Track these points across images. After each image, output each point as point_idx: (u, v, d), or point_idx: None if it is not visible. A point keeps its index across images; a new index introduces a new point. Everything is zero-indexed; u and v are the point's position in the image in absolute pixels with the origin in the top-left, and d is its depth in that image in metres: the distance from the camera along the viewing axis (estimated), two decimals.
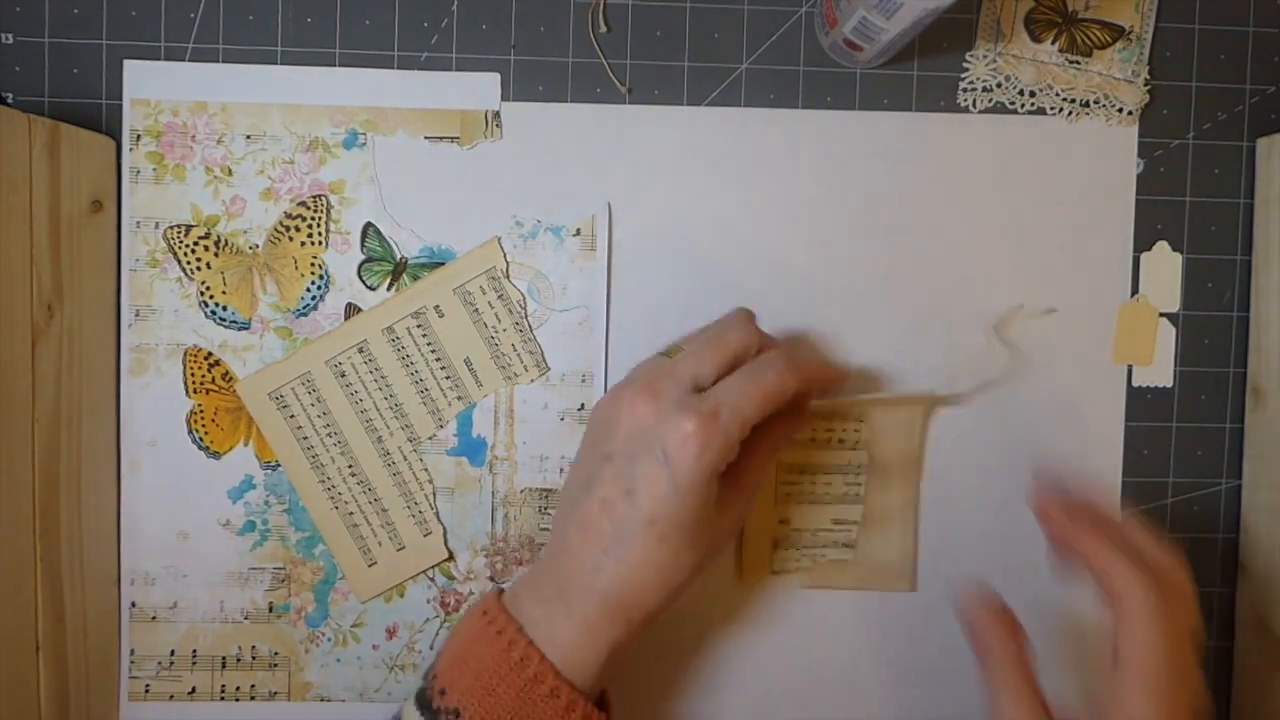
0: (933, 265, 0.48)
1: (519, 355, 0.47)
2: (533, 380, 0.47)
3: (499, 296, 0.46)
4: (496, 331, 0.46)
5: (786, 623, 0.48)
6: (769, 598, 0.48)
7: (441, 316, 0.46)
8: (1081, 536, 0.36)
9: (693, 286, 0.48)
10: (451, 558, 0.47)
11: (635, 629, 0.37)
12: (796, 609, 0.48)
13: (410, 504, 0.47)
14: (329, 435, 0.46)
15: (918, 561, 0.48)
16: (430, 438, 0.47)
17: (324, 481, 0.46)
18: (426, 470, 0.47)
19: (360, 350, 0.46)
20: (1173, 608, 0.33)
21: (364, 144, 0.47)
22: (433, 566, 0.47)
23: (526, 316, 0.47)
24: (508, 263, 0.46)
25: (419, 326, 0.46)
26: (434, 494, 0.47)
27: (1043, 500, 0.38)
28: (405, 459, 0.46)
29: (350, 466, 0.46)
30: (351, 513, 0.47)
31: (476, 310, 0.46)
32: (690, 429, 0.35)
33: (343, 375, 0.46)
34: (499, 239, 0.46)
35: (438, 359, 0.45)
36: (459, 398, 0.46)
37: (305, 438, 0.46)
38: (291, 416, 0.46)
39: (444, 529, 0.47)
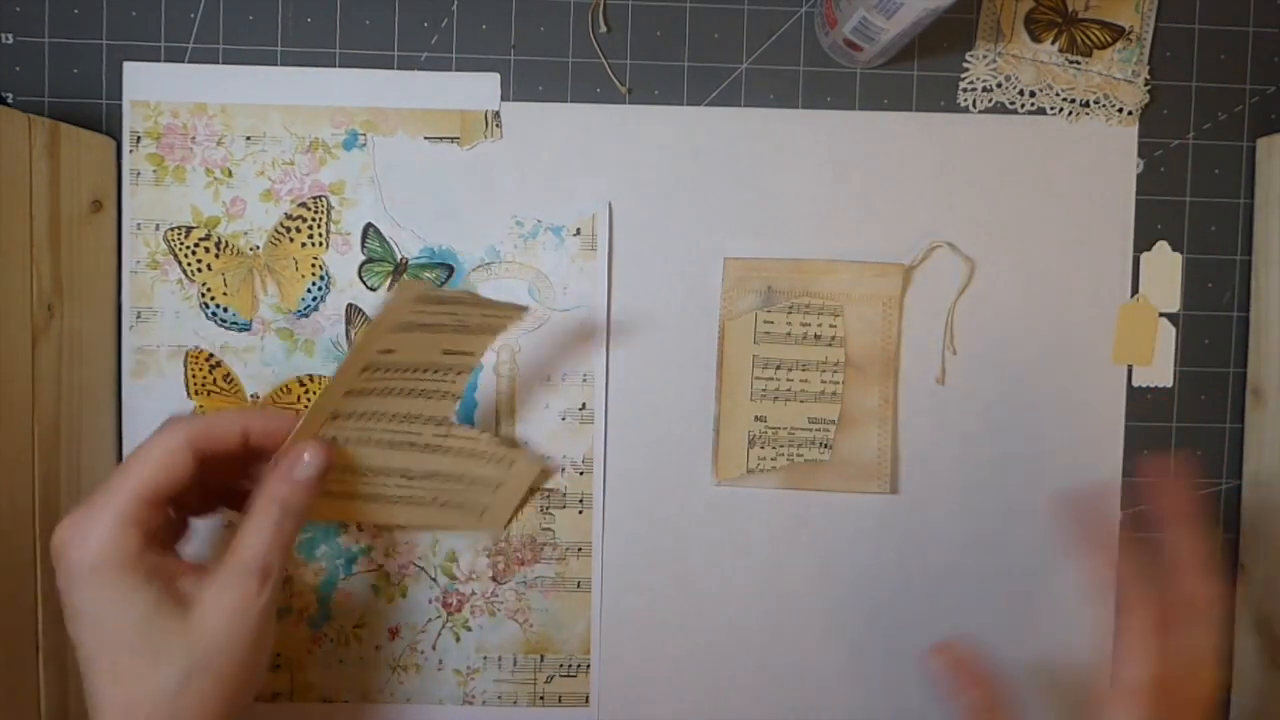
0: (932, 265, 0.48)
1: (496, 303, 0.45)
2: (520, 318, 0.45)
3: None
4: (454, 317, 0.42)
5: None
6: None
7: (393, 352, 0.40)
8: (1130, 601, 0.35)
9: (693, 286, 0.48)
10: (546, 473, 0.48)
11: None
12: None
13: (479, 462, 0.45)
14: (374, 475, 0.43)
15: (898, 463, 0.48)
16: (448, 418, 0.44)
17: (394, 500, 0.44)
18: (472, 433, 0.45)
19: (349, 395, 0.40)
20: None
21: (364, 144, 0.47)
22: (538, 489, 0.48)
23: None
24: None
25: (384, 364, 0.40)
26: (494, 431, 0.47)
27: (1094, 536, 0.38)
28: (447, 437, 0.44)
29: (405, 472, 0.44)
30: (435, 499, 0.45)
31: (426, 325, 0.41)
32: (61, 525, 0.34)
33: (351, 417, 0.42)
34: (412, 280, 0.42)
35: (418, 369, 0.42)
36: (459, 373, 0.43)
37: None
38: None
39: (525, 446, 0.47)
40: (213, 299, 0.47)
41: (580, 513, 0.48)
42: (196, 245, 0.47)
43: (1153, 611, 0.35)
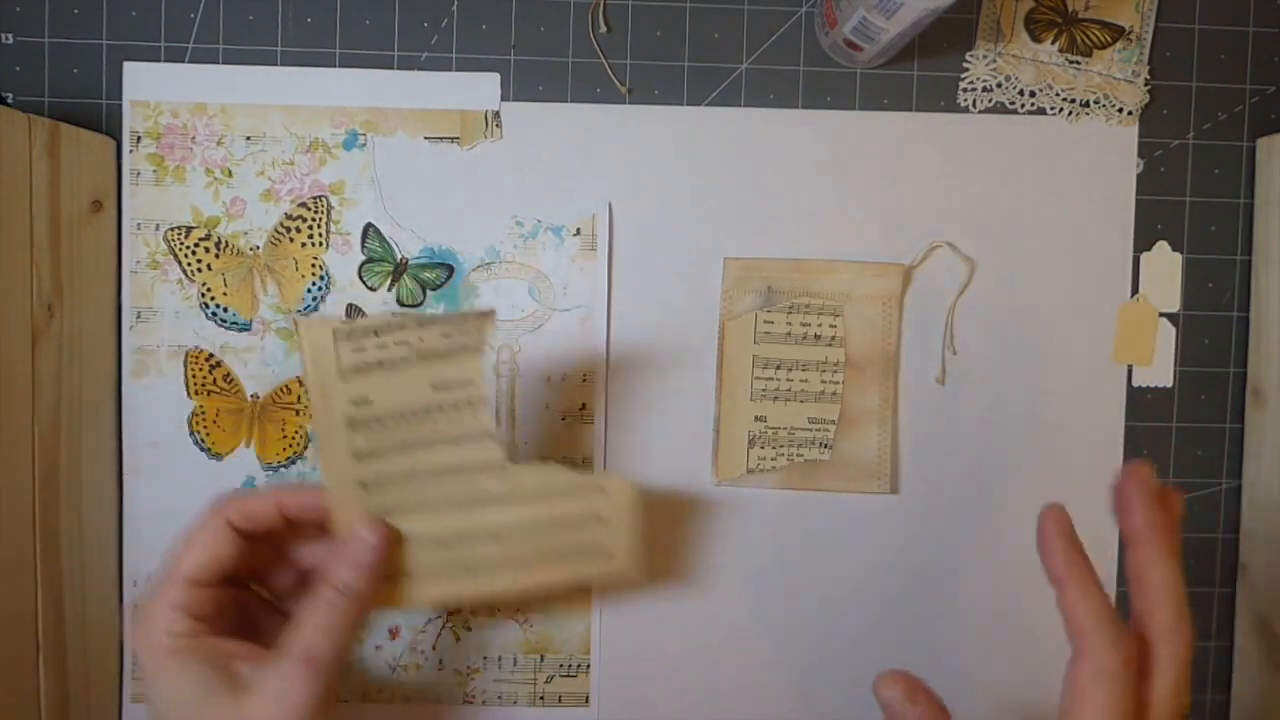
0: (932, 265, 0.48)
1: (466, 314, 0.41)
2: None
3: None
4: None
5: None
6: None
7: (372, 402, 0.38)
8: (1072, 575, 0.31)
9: (693, 286, 0.48)
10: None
11: None
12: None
13: (563, 499, 0.40)
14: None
15: (898, 463, 0.48)
16: (503, 460, 0.39)
17: (495, 566, 0.41)
18: (537, 468, 0.40)
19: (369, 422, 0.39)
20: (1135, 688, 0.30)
21: (364, 145, 0.47)
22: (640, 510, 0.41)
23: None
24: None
25: (373, 417, 0.39)
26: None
27: (1050, 521, 0.33)
28: (512, 481, 0.40)
29: (490, 531, 0.40)
30: (540, 552, 0.41)
31: (383, 363, 0.38)
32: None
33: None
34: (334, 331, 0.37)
35: (419, 412, 0.39)
36: (472, 406, 0.39)
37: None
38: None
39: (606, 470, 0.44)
40: (213, 299, 0.47)
41: None
42: (196, 245, 0.47)
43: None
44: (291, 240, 0.47)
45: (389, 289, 0.47)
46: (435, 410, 0.38)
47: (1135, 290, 0.49)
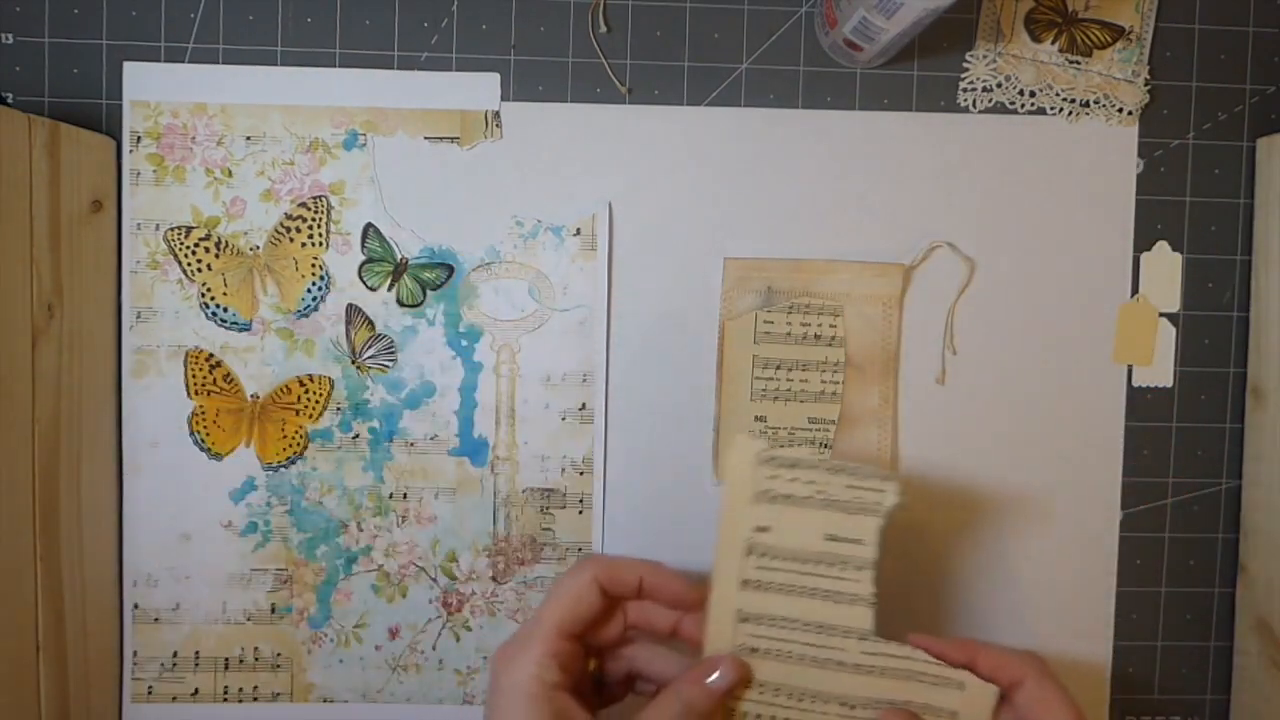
0: (932, 265, 0.48)
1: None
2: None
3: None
4: None
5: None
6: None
7: (770, 533, 0.39)
8: (963, 648, 0.39)
9: (693, 286, 0.48)
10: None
11: None
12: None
13: (920, 686, 0.39)
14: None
15: (898, 463, 0.48)
16: (869, 631, 0.40)
17: None
18: (904, 650, 0.39)
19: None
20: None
21: (364, 145, 0.47)
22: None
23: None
24: None
25: (767, 548, 0.40)
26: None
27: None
28: (875, 655, 0.40)
29: (844, 700, 0.40)
30: None
31: (789, 498, 0.39)
32: (499, 648, 0.38)
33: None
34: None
35: (807, 560, 0.40)
36: (857, 569, 0.39)
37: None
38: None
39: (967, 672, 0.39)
40: (213, 299, 0.47)
41: (580, 513, 0.48)
42: (196, 245, 0.47)
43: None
44: (291, 240, 0.47)
45: (389, 289, 0.47)
46: (823, 561, 0.39)
47: (1135, 290, 0.49)
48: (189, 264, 0.47)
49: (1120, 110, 0.48)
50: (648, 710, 0.37)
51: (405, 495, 0.48)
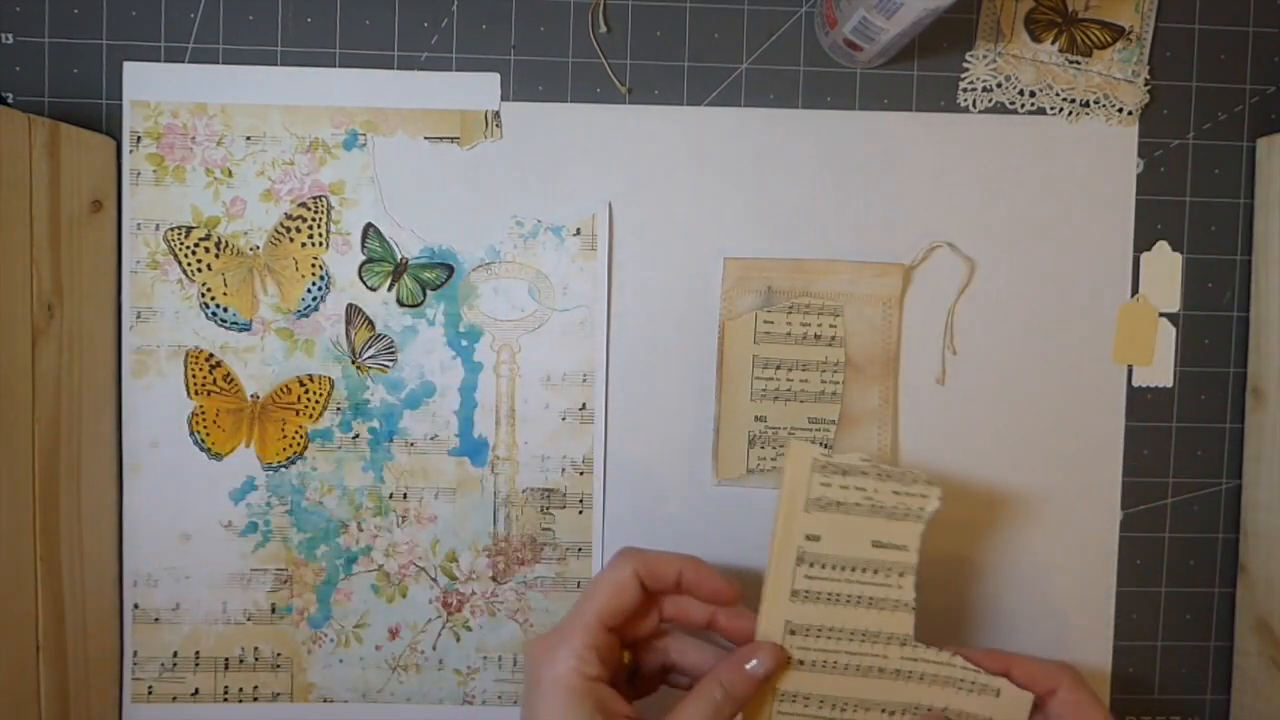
0: (932, 265, 0.48)
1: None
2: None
3: None
4: None
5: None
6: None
7: (821, 541, 0.40)
8: (996, 658, 0.40)
9: (693, 286, 0.48)
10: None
11: None
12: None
13: (958, 693, 0.40)
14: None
15: (898, 463, 0.48)
16: (910, 636, 0.40)
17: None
18: (943, 657, 0.40)
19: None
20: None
21: (364, 145, 0.47)
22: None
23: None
24: None
25: (817, 556, 0.41)
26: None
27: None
28: (915, 661, 0.40)
29: (885, 706, 0.40)
30: None
31: (839, 504, 0.40)
32: (534, 642, 0.39)
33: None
34: None
35: (854, 567, 0.40)
36: (901, 575, 0.40)
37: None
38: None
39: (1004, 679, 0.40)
40: (213, 299, 0.47)
41: (580, 513, 0.48)
42: (196, 245, 0.47)
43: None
44: (291, 240, 0.47)
45: (389, 289, 0.47)
46: (869, 568, 0.40)
47: (1135, 290, 0.49)
48: (189, 264, 0.47)
49: (1120, 110, 0.48)
50: (689, 697, 0.38)
51: (405, 495, 0.48)
